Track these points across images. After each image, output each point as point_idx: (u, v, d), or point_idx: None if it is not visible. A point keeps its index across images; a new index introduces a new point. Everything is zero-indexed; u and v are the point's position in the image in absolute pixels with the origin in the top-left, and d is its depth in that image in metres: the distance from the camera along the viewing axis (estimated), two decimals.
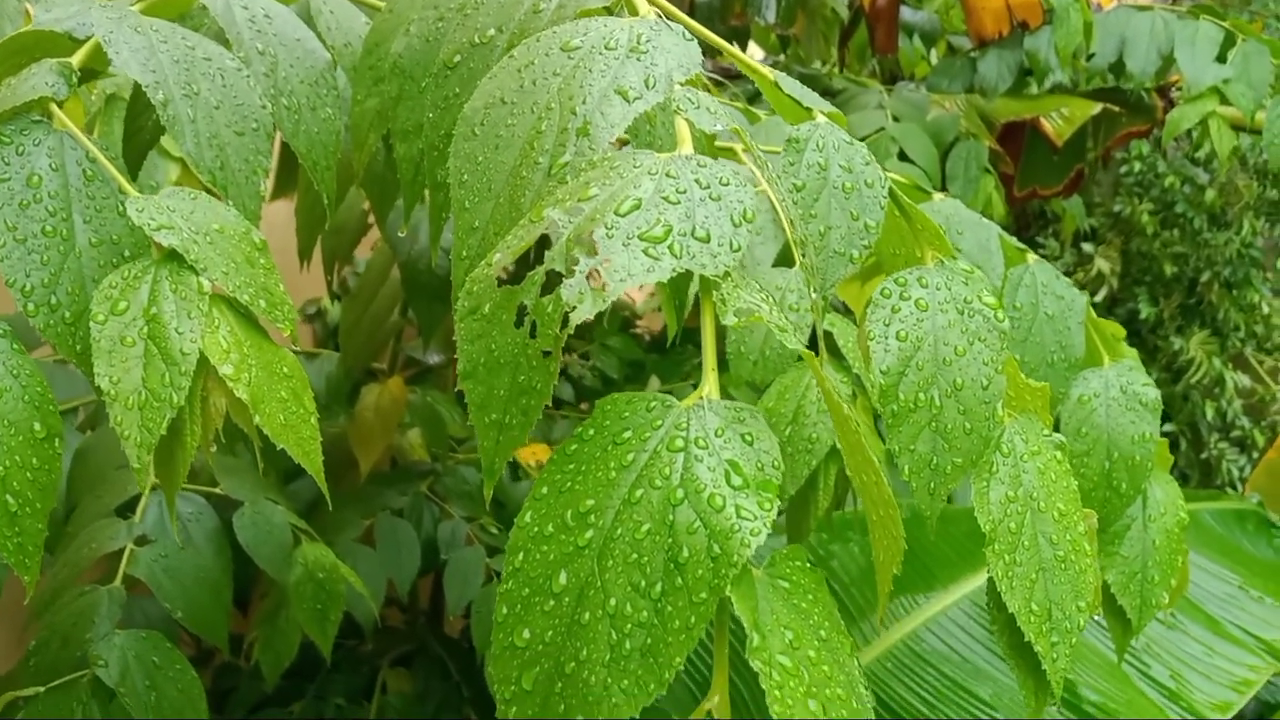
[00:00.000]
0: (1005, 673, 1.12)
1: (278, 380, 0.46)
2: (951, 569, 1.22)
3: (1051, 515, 0.47)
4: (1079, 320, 0.79)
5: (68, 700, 0.72)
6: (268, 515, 0.83)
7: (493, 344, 0.35)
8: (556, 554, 0.33)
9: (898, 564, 0.38)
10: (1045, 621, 0.46)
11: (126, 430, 0.43)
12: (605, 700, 0.31)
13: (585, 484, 0.33)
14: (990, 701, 1.08)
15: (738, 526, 0.31)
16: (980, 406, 0.46)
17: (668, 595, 0.31)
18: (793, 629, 0.32)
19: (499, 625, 0.33)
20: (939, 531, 1.29)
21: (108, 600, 0.75)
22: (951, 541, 1.27)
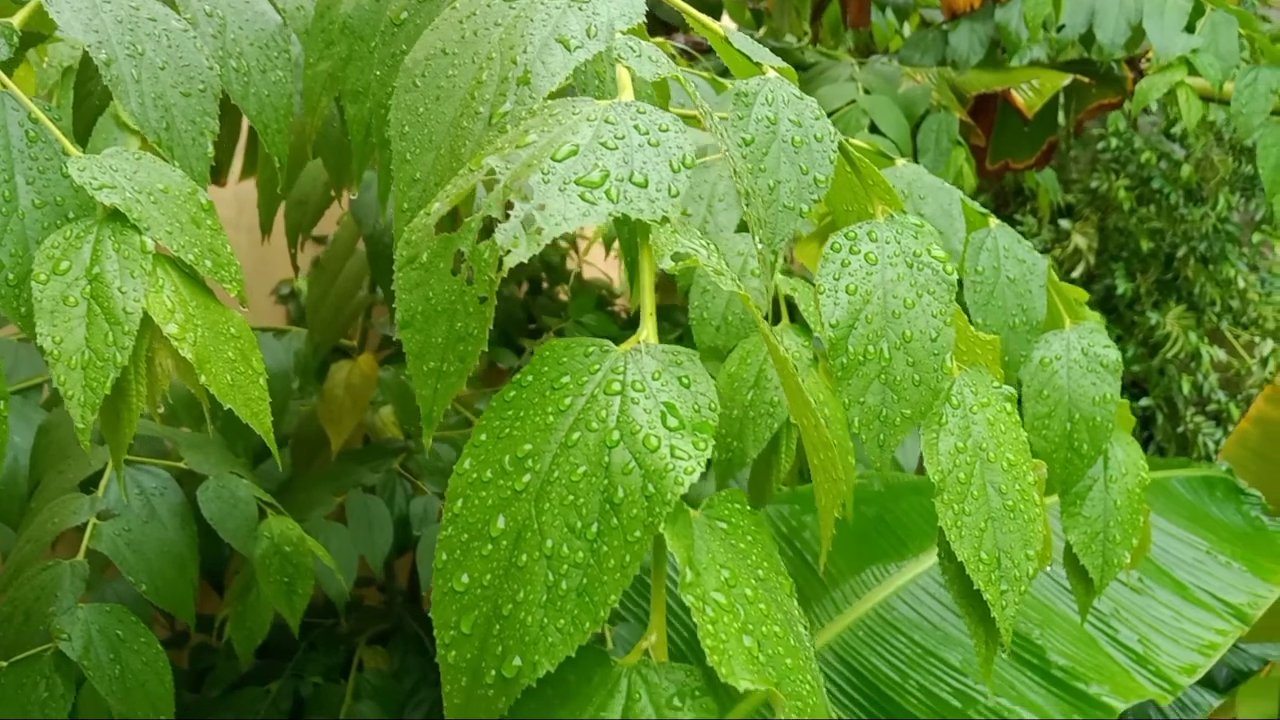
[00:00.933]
0: None
1: (224, 340, 0.46)
2: (922, 539, 1.23)
3: (1000, 465, 0.47)
4: (1040, 283, 0.79)
5: (31, 674, 0.72)
6: (232, 489, 0.83)
7: (430, 292, 0.34)
8: (494, 499, 0.33)
9: (838, 507, 0.38)
10: (994, 570, 0.46)
11: (70, 390, 0.42)
12: (542, 640, 0.31)
13: (523, 429, 0.33)
14: (960, 667, 1.09)
15: (672, 466, 0.31)
16: (929, 358, 0.46)
17: (603, 535, 0.31)
18: (729, 568, 0.32)
19: (438, 571, 0.33)
20: (909, 503, 1.31)
21: (70, 574, 0.75)
22: (923, 512, 1.28)
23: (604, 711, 0.31)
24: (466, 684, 0.32)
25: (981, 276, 0.77)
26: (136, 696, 0.73)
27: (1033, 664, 1.09)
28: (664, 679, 0.31)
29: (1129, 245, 3.32)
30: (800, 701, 0.31)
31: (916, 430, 1.45)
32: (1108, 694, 1.05)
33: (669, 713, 0.30)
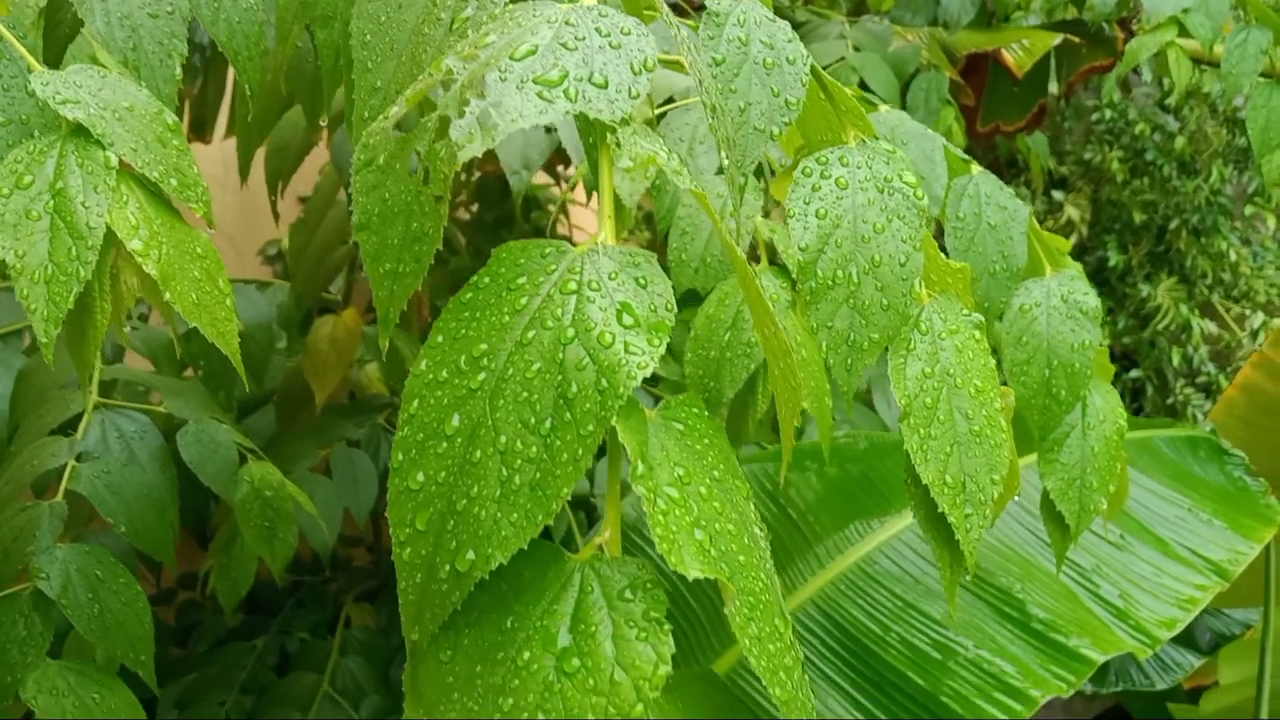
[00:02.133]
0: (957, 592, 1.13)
1: (190, 260, 0.46)
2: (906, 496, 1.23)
3: (968, 391, 0.47)
4: (1021, 230, 0.79)
5: (10, 612, 0.72)
6: (212, 433, 0.83)
7: (387, 194, 0.34)
8: (450, 398, 0.33)
9: (797, 415, 0.38)
10: (959, 494, 0.46)
11: (33, 304, 0.42)
12: (495, 534, 0.31)
13: (479, 329, 0.33)
14: (941, 620, 1.10)
15: (625, 361, 0.31)
16: (898, 283, 0.46)
17: (556, 430, 0.31)
18: (684, 466, 0.32)
19: (395, 471, 0.33)
20: (894, 460, 1.31)
21: (49, 515, 0.75)
22: None
23: (557, 604, 0.31)
24: (421, 580, 0.32)
25: (963, 223, 0.77)
26: (116, 636, 0.73)
27: (1013, 617, 1.10)
28: (616, 572, 0.31)
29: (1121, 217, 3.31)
30: (752, 597, 0.32)
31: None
32: (1087, 646, 1.05)
33: (620, 604, 0.31)
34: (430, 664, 0.33)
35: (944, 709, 1.04)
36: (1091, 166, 3.25)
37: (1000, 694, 1.04)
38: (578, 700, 0.30)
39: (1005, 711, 1.02)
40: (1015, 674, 1.04)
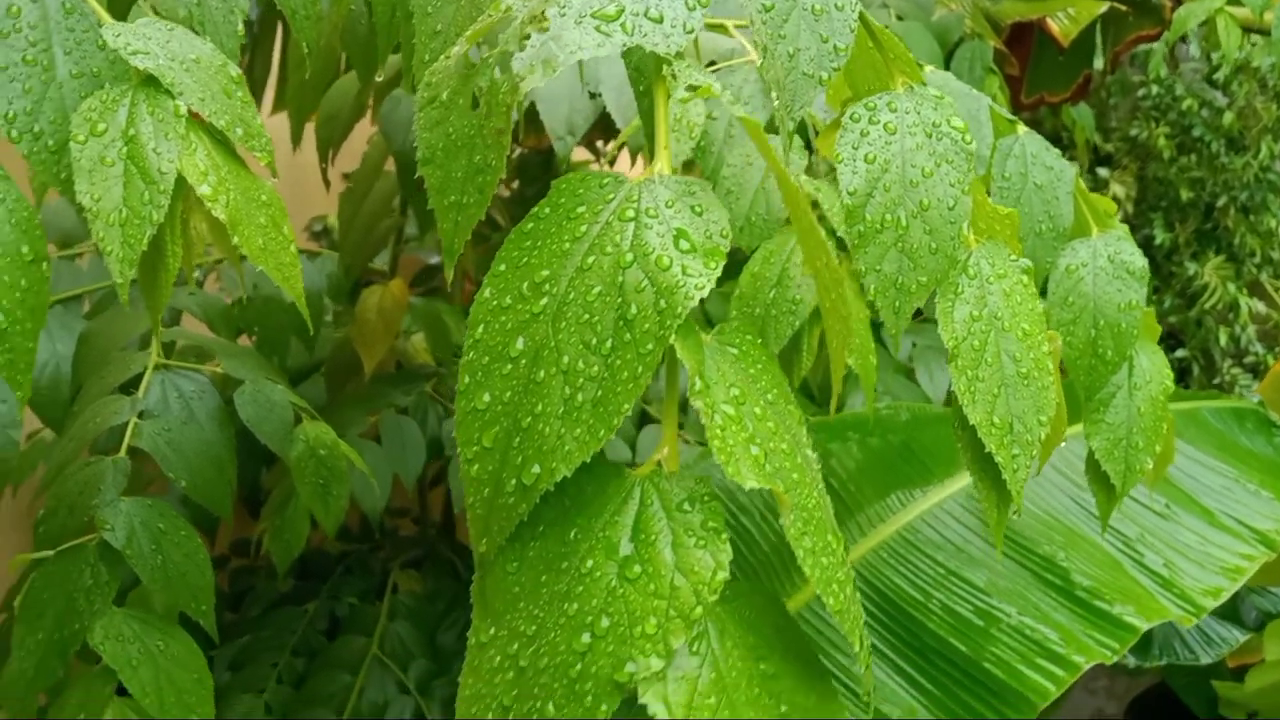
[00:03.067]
0: (1000, 562, 1.14)
1: (256, 207, 0.48)
2: (948, 464, 1.23)
3: (1015, 334, 0.48)
4: (1067, 190, 0.79)
5: (77, 563, 0.74)
6: (268, 393, 0.85)
7: (450, 128, 0.36)
8: (513, 322, 0.34)
9: (848, 348, 0.38)
10: (1006, 434, 0.47)
11: (109, 246, 0.44)
12: (559, 448, 0.32)
13: (541, 257, 0.34)
14: (984, 588, 1.10)
15: (683, 283, 0.32)
16: (946, 227, 0.46)
17: (617, 350, 0.32)
18: (739, 387, 0.33)
19: (461, 394, 0.34)
20: (935, 431, 1.31)
21: (113, 470, 0.77)
22: (949, 441, 1.29)
23: (618, 516, 0.32)
24: (489, 494, 0.33)
25: (1008, 183, 0.77)
26: (178, 586, 0.76)
27: (1056, 585, 1.10)
28: (675, 486, 0.32)
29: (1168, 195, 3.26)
30: (806, 512, 0.33)
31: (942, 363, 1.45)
32: (1131, 614, 1.05)
33: (679, 515, 0.32)
34: (497, 575, 0.34)
35: (986, 675, 1.05)
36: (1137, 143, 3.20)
37: (1043, 660, 1.04)
38: (639, 604, 0.31)
39: (1048, 677, 1.02)
40: (1058, 640, 1.04)
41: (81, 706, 0.73)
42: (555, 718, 0.31)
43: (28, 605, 0.74)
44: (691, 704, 0.31)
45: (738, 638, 0.33)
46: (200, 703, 0.74)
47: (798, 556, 0.32)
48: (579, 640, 0.31)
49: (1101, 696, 3.03)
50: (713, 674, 0.32)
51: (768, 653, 0.34)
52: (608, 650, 0.31)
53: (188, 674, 0.74)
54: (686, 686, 0.31)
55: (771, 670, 0.33)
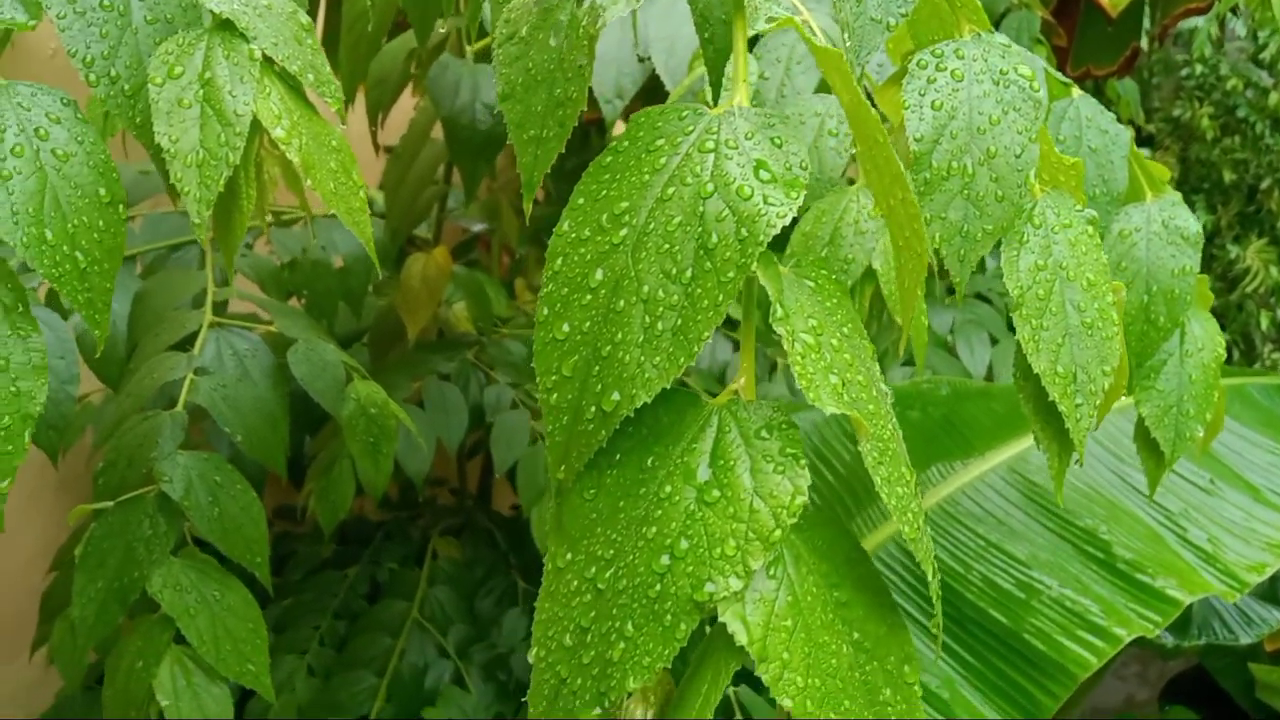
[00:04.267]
0: (1041, 534, 1.13)
1: (327, 152, 0.48)
2: (989, 438, 1.23)
3: (1080, 284, 0.48)
4: (1122, 154, 0.78)
5: (136, 514, 0.76)
6: (320, 352, 0.86)
7: (530, 64, 0.36)
8: (592, 254, 0.34)
9: (921, 284, 0.39)
10: (1070, 384, 0.47)
11: (186, 186, 0.45)
12: (639, 375, 0.32)
13: (619, 189, 0.34)
14: (1025, 560, 1.10)
15: (764, 211, 0.32)
16: (1013, 175, 0.46)
17: (697, 278, 0.32)
18: (816, 318, 0.33)
19: (540, 324, 0.35)
20: (977, 405, 1.31)
21: (170, 423, 0.79)
22: (991, 415, 1.28)
23: (696, 443, 0.33)
24: (568, 421, 0.34)
25: (1063, 145, 0.76)
26: (234, 537, 0.77)
27: (1098, 558, 1.10)
28: (752, 414, 0.33)
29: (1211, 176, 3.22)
30: (881, 443, 0.33)
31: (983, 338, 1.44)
32: (1173, 587, 1.05)
33: (757, 442, 0.32)
34: (574, 502, 0.35)
35: (1026, 646, 1.05)
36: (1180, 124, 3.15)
37: (1084, 632, 1.04)
38: (718, 526, 0.31)
39: (1089, 649, 1.02)
40: (1099, 613, 1.04)
41: (140, 653, 0.75)
42: (634, 636, 0.32)
43: (88, 554, 0.76)
44: (769, 625, 0.31)
45: (812, 565, 0.33)
46: (255, 652, 0.76)
47: (875, 483, 0.32)
48: (658, 562, 0.32)
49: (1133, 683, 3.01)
50: (789, 598, 0.32)
51: (840, 581, 0.34)
52: (687, 571, 0.31)
53: (243, 624, 0.76)
54: (764, 608, 0.31)
55: (844, 598, 0.34)
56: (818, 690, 0.32)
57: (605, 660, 0.32)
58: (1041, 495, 1.16)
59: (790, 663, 0.31)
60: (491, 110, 0.99)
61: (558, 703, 0.34)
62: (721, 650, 0.32)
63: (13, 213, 0.44)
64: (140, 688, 0.74)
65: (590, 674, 0.33)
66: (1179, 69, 3.25)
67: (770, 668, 0.31)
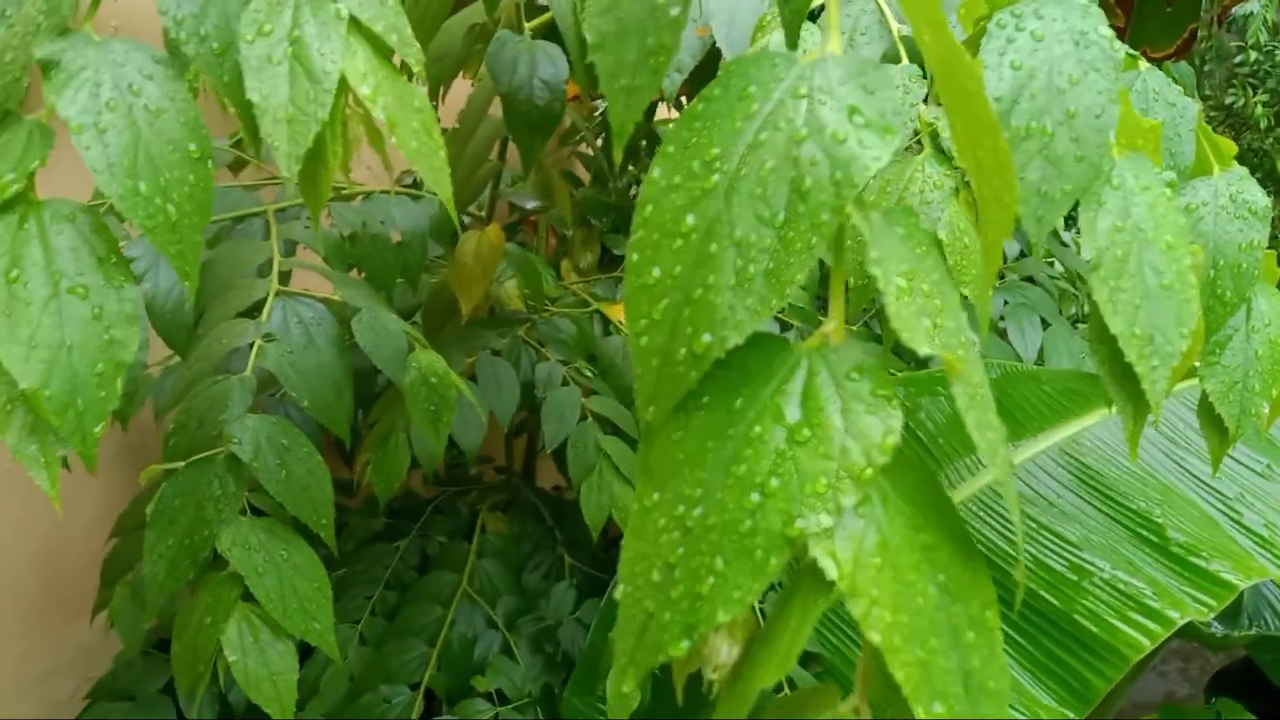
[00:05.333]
0: (1093, 516, 1.12)
1: (410, 111, 0.49)
2: (1040, 420, 1.22)
3: (1159, 246, 0.48)
4: (1190, 128, 0.77)
5: (206, 474, 0.78)
6: (384, 321, 0.88)
7: (621, 14, 0.37)
8: (684, 199, 0.35)
9: (1008, 236, 0.39)
10: (1147, 345, 0.47)
11: (276, 141, 0.46)
12: (731, 317, 0.33)
13: (711, 136, 0.35)
14: (1076, 542, 1.09)
15: (859, 154, 0.32)
16: (1093, 135, 0.46)
17: (790, 222, 0.33)
18: (908, 263, 0.34)
19: (631, 270, 0.36)
20: (1027, 388, 1.30)
21: (240, 387, 0.81)
22: (1042, 397, 1.27)
23: (785, 384, 0.33)
24: (657, 364, 0.35)
25: None
26: (301, 499, 0.79)
27: (1152, 541, 1.09)
28: (843, 356, 0.33)
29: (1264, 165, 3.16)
30: (971, 387, 0.33)
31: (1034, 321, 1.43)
32: (1228, 571, 1.04)
33: (848, 383, 0.33)
34: (662, 443, 0.35)
35: (1077, 627, 1.04)
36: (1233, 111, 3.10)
37: (1136, 614, 1.03)
38: (809, 464, 0.32)
39: (1141, 631, 1.01)
40: (1152, 595, 1.03)
41: (209, 609, 0.77)
42: (724, 571, 0.32)
43: (159, 512, 0.78)
44: (857, 561, 0.32)
45: (899, 506, 0.34)
46: (320, 611, 0.78)
47: (967, 425, 0.33)
48: (748, 499, 0.33)
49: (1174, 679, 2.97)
50: (877, 537, 0.33)
51: (924, 525, 0.34)
52: (778, 507, 0.32)
53: (308, 583, 0.78)
54: (853, 545, 0.32)
55: (929, 541, 0.34)
56: (905, 626, 0.32)
57: (694, 595, 0.33)
58: (1094, 478, 1.15)
59: (879, 599, 0.32)
60: (549, 86, 0.99)
61: (645, 637, 0.34)
62: (810, 587, 0.33)
63: (109, 165, 0.45)
64: (208, 643, 0.76)
65: (679, 608, 0.33)
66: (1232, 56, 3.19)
67: (859, 603, 0.31)
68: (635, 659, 0.35)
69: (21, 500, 1.29)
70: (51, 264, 0.46)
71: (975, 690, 0.34)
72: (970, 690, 0.34)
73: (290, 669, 0.77)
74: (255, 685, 0.75)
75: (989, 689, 0.34)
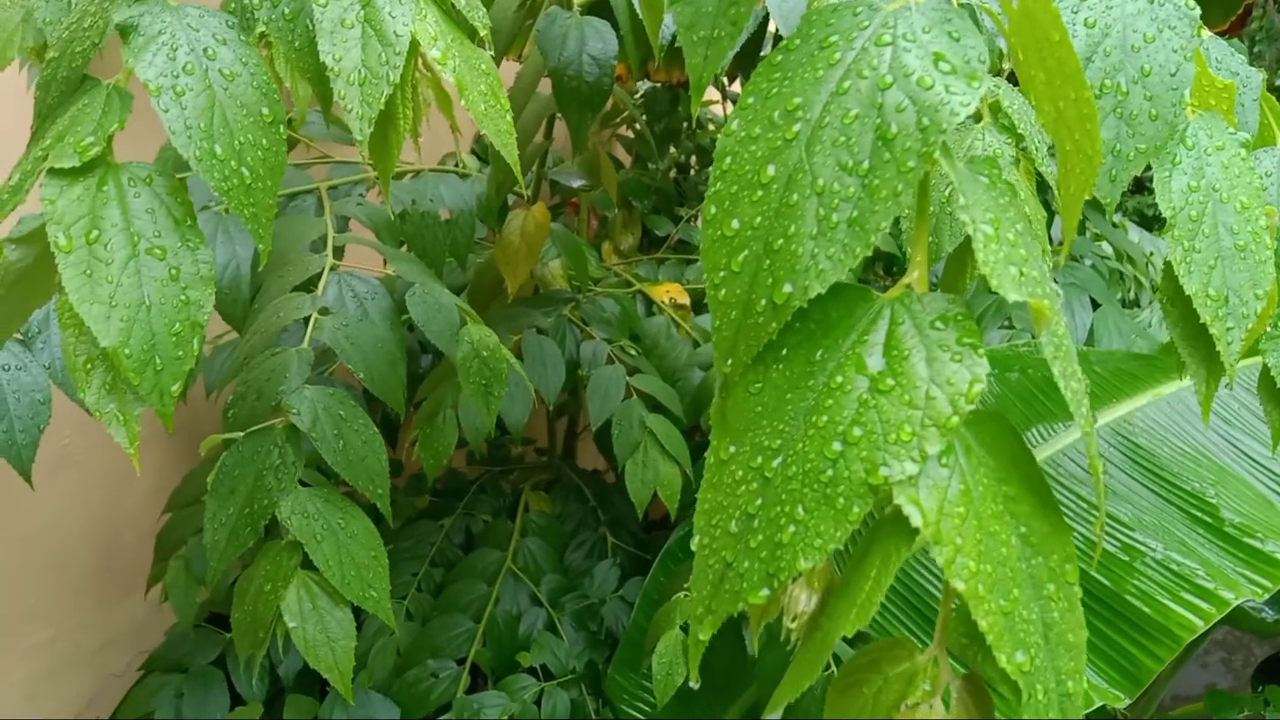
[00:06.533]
0: (1144, 496, 1.11)
1: (477, 75, 0.50)
2: (1093, 400, 1.21)
3: (1233, 207, 0.47)
4: (1254, 97, 0.75)
5: (265, 443, 0.79)
6: (436, 295, 0.88)
7: None
8: (764, 150, 0.35)
9: (1089, 190, 0.38)
10: (1221, 306, 0.46)
11: (349, 104, 0.46)
12: (813, 267, 0.33)
13: (792, 86, 0.35)
14: (1128, 523, 1.08)
15: (946, 100, 0.32)
16: (1167, 93, 0.46)
17: (875, 170, 0.33)
18: (993, 213, 0.33)
19: (709, 222, 0.36)
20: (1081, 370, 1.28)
21: (297, 359, 0.82)
22: (1093, 377, 1.26)
23: (868, 335, 0.33)
24: (737, 316, 0.35)
25: None
26: (358, 469, 0.80)
27: (1205, 522, 1.07)
28: (926, 306, 0.33)
29: None
30: (1057, 338, 0.33)
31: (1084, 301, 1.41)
32: None
33: (932, 332, 0.33)
34: (739, 396, 0.35)
35: (1128, 607, 1.03)
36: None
37: (1189, 594, 1.02)
38: (893, 413, 0.32)
39: (1194, 611, 1.00)
40: (1205, 575, 1.02)
41: (269, 576, 0.78)
42: (805, 520, 0.33)
43: (220, 481, 0.79)
44: (942, 510, 0.32)
45: (982, 458, 0.34)
46: (377, 579, 0.79)
47: (1053, 374, 0.32)
48: (830, 448, 0.33)
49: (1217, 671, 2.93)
50: (961, 486, 0.32)
51: (1007, 477, 0.34)
52: (860, 456, 0.32)
53: (366, 551, 0.79)
54: (937, 494, 0.32)
55: (1011, 493, 0.34)
56: (989, 576, 0.32)
57: (774, 543, 0.33)
58: (1146, 458, 1.14)
59: (963, 548, 0.32)
60: (598, 62, 1.00)
61: (723, 586, 0.35)
62: (893, 534, 0.33)
63: (186, 127, 0.46)
64: (268, 609, 0.77)
65: (758, 557, 0.34)
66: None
67: (944, 551, 0.31)
68: (712, 608, 0.35)
69: (76, 477, 1.31)
70: (130, 226, 0.47)
71: (1055, 642, 0.34)
72: (1050, 641, 0.34)
73: (348, 635, 0.78)
74: (314, 651, 0.77)
75: (1068, 641, 0.34)
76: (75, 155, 0.46)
